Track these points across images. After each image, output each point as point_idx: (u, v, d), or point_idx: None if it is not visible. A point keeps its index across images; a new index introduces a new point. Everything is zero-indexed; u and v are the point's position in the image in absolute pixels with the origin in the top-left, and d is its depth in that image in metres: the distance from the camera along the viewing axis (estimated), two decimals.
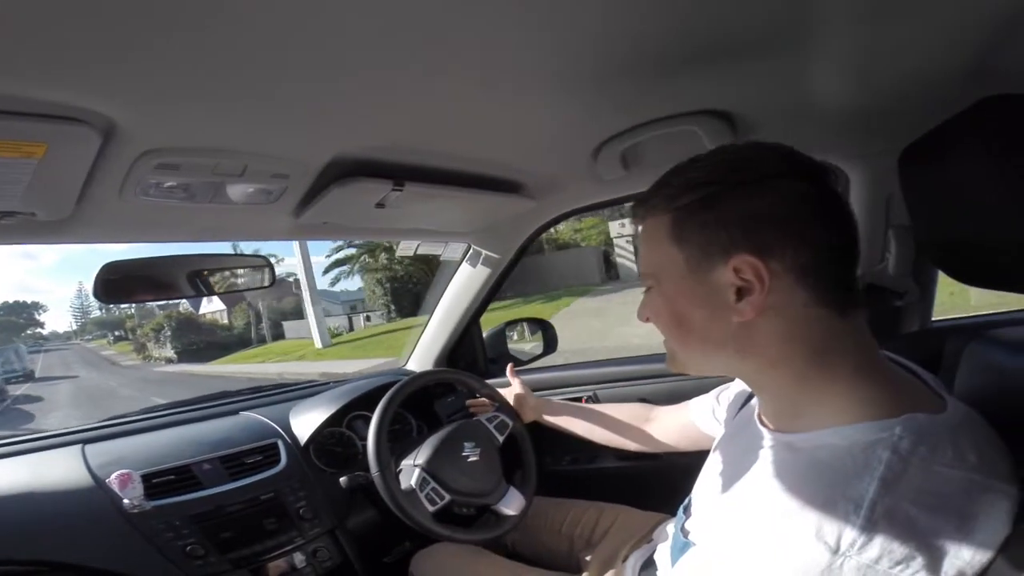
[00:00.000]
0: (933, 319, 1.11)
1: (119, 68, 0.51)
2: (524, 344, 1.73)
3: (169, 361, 29.39)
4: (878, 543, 0.41)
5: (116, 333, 52.41)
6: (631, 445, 1.07)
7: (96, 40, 0.46)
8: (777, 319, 0.51)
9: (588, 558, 1.03)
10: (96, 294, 0.96)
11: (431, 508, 1.02)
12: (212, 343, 30.23)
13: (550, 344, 1.69)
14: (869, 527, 0.41)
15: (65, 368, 30.41)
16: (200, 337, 30.98)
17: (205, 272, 1.06)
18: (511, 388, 1.28)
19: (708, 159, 0.55)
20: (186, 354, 28.83)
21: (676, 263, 0.55)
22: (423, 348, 1.66)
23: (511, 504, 1.11)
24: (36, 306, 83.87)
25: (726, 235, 0.51)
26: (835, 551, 0.42)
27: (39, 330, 79.56)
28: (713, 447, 0.72)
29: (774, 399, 0.58)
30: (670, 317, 0.58)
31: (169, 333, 30.81)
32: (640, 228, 0.60)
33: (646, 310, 0.61)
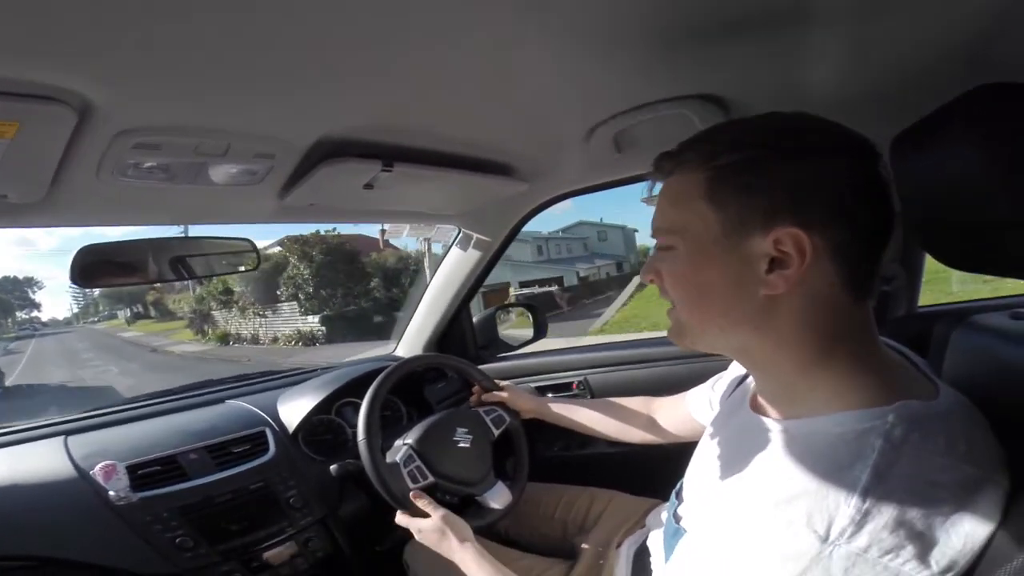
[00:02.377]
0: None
1: (95, 45, 0.48)
2: (514, 329, 1.72)
3: (312, 341, 14.86)
4: (867, 531, 0.41)
5: (134, 309, 38.62)
6: (633, 438, 1.06)
7: (71, 16, 0.44)
8: (802, 297, 0.49)
9: (582, 544, 1.03)
10: (73, 278, 0.93)
11: (412, 486, 1.00)
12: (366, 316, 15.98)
13: (540, 329, 1.69)
14: (860, 516, 0.42)
15: (72, 363, 17.82)
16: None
17: (187, 256, 1.03)
18: (507, 386, 1.25)
19: (756, 122, 0.52)
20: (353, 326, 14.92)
21: (708, 224, 0.51)
22: (412, 333, 1.64)
23: (496, 498, 1.09)
24: (30, 282, 68.58)
25: (769, 203, 0.48)
26: (825, 539, 0.42)
27: (36, 313, 65.74)
28: (705, 431, 0.72)
29: (773, 383, 0.57)
30: (692, 284, 0.54)
31: (311, 282, 15.52)
32: (662, 183, 0.57)
33: (657, 274, 0.57)
